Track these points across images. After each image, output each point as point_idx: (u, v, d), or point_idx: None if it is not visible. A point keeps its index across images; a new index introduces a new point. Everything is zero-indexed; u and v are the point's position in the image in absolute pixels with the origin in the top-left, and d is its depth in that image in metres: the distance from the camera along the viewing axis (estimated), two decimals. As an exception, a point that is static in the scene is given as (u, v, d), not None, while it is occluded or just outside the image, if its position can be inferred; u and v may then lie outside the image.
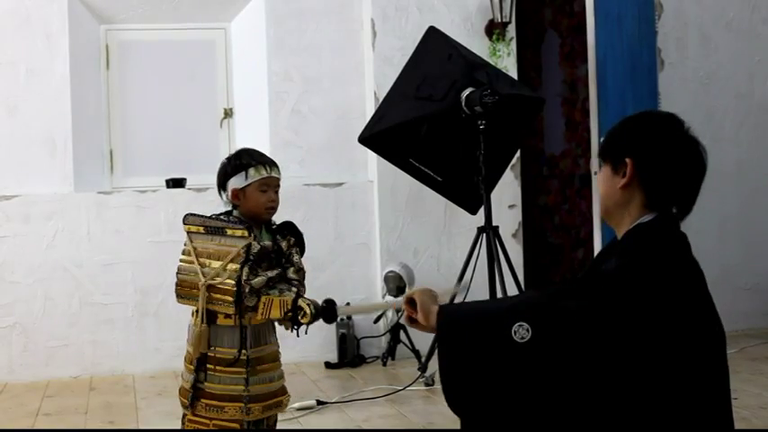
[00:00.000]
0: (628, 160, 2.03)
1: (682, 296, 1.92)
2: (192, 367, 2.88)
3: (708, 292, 2.02)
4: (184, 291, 2.89)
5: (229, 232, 2.84)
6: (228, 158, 3.01)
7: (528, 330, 1.89)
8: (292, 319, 2.81)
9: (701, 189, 2.07)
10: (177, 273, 2.91)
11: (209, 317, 2.88)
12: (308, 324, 2.82)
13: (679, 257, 1.98)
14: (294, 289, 2.86)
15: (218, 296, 2.81)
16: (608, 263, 2.01)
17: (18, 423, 4.35)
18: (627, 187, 2.04)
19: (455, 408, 1.99)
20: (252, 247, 2.82)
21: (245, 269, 2.79)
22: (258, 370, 2.90)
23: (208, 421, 2.87)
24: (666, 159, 2.02)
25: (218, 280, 2.80)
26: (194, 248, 2.87)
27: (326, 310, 2.83)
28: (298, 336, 2.87)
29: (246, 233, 2.83)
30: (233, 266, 2.79)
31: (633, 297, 1.88)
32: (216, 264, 2.82)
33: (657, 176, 2.02)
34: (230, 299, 2.78)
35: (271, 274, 2.84)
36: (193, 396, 2.85)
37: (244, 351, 2.86)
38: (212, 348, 2.87)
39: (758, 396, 4.34)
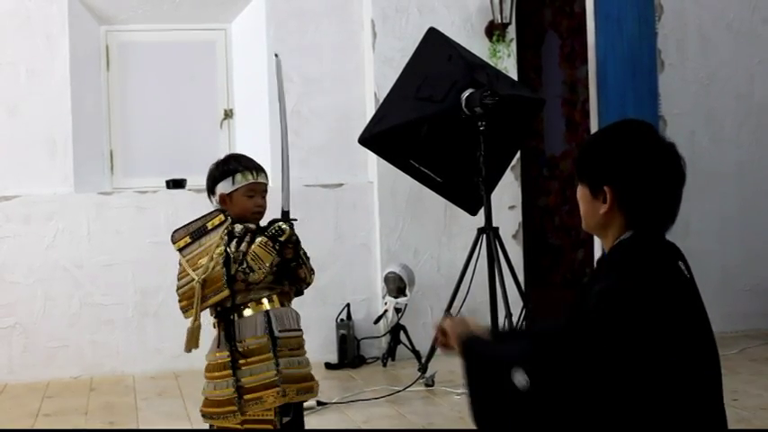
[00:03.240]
0: (607, 188, 2.03)
1: (667, 313, 1.92)
2: (217, 374, 2.90)
3: (698, 302, 2.02)
4: (186, 302, 2.92)
5: (209, 225, 2.93)
6: (216, 164, 3.07)
7: (526, 379, 1.91)
8: (281, 245, 2.89)
9: (682, 198, 2.06)
10: (177, 291, 2.95)
11: (226, 313, 2.90)
12: (291, 236, 2.92)
13: (660, 272, 1.97)
14: (258, 236, 2.92)
15: (211, 287, 2.86)
16: (597, 283, 2.01)
17: (18, 423, 4.35)
18: (608, 213, 2.05)
19: (480, 429, 2.07)
20: (235, 227, 2.91)
21: (233, 243, 2.87)
22: (286, 353, 2.94)
23: (239, 426, 2.88)
24: (646, 183, 2.00)
25: (209, 271, 2.85)
26: (187, 261, 2.92)
27: (284, 218, 2.97)
28: (297, 262, 2.99)
29: (223, 217, 2.92)
30: (218, 251, 2.86)
31: (621, 326, 1.89)
32: (205, 260, 2.88)
33: (638, 201, 2.02)
34: (221, 282, 2.84)
35: (248, 239, 2.90)
36: (239, 398, 2.87)
37: (267, 336, 2.89)
38: (241, 342, 2.89)
39: (758, 397, 4.34)
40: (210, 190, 3.04)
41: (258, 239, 2.89)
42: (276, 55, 3.08)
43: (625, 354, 1.88)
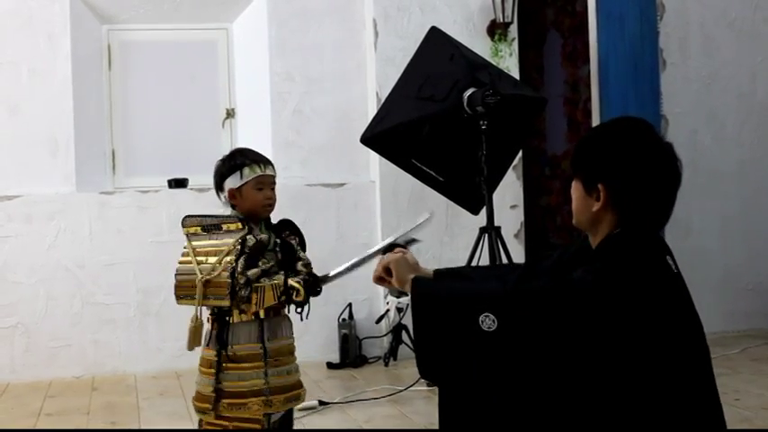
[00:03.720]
0: (600, 186, 2.02)
1: (653, 303, 1.91)
2: (204, 370, 2.90)
3: (686, 295, 2.01)
4: (182, 291, 2.91)
5: (225, 227, 2.90)
6: (223, 159, 3.04)
7: (494, 321, 1.91)
8: (288, 301, 2.87)
9: (677, 198, 2.05)
10: (176, 275, 2.93)
11: (222, 316, 2.90)
12: (304, 301, 2.89)
13: (648, 265, 1.97)
14: (282, 272, 2.90)
15: (213, 290, 2.84)
16: (577, 270, 2.01)
17: (20, 423, 4.35)
18: (601, 210, 2.05)
19: (424, 376, 2.11)
20: (247, 240, 2.87)
21: (241, 261, 2.83)
22: (276, 362, 2.93)
23: (228, 423, 2.88)
24: (641, 183, 2.00)
25: (214, 274, 2.84)
26: (193, 249, 2.90)
27: (311, 284, 2.91)
28: (302, 320, 2.94)
29: (241, 225, 2.88)
30: (228, 259, 2.84)
31: (598, 296, 1.90)
32: (213, 259, 2.86)
33: (631, 201, 2.02)
34: (225, 291, 2.82)
35: (264, 266, 2.87)
36: (216, 398, 2.86)
37: (260, 345, 2.89)
38: (230, 347, 2.88)
39: (760, 396, 4.33)
40: (218, 186, 3.02)
41: (276, 282, 2.86)
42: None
43: (605, 331, 1.88)
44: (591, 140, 2.12)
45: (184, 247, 2.94)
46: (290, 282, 2.86)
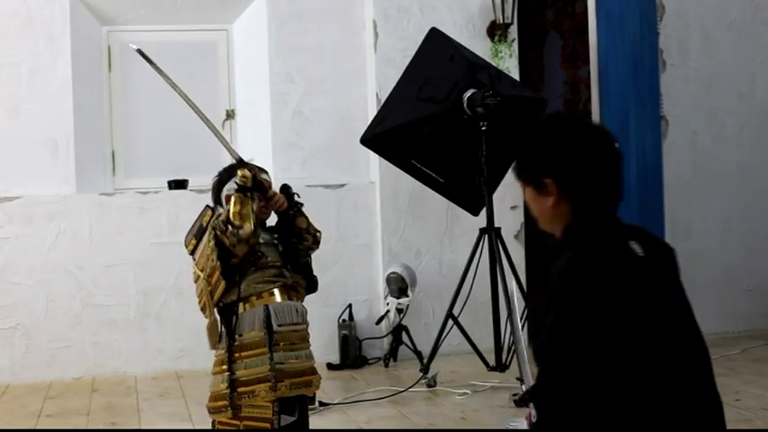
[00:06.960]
0: (548, 181, 2.09)
1: (615, 291, 1.95)
2: (217, 369, 2.93)
3: (656, 280, 2.04)
4: (202, 304, 2.99)
5: (204, 223, 3.03)
6: (219, 173, 3.22)
7: (535, 413, 1.99)
8: (252, 191, 2.98)
9: (623, 174, 2.13)
10: (196, 294, 3.03)
11: (228, 309, 2.92)
12: (255, 178, 3.02)
13: (606, 250, 2.02)
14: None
15: (214, 282, 2.91)
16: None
17: (20, 424, 4.35)
18: (556, 205, 2.11)
19: None
20: (215, 213, 3.02)
21: (213, 219, 2.99)
22: (282, 347, 2.95)
23: (238, 422, 2.90)
24: (582, 167, 2.08)
25: (208, 267, 2.94)
26: (196, 263, 3.00)
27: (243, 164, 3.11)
28: (294, 210, 3.21)
29: (211, 212, 3.04)
30: (211, 245, 2.95)
31: (580, 312, 1.93)
32: (203, 260, 2.93)
33: (579, 186, 2.09)
34: (217, 273, 2.92)
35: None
36: (231, 392, 2.89)
37: (264, 331, 2.91)
38: (240, 336, 2.91)
39: (760, 397, 4.33)
40: (217, 199, 3.14)
41: (230, 189, 3.01)
42: (138, 50, 3.21)
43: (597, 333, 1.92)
44: (527, 144, 2.21)
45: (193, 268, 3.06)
46: (234, 183, 3.00)
